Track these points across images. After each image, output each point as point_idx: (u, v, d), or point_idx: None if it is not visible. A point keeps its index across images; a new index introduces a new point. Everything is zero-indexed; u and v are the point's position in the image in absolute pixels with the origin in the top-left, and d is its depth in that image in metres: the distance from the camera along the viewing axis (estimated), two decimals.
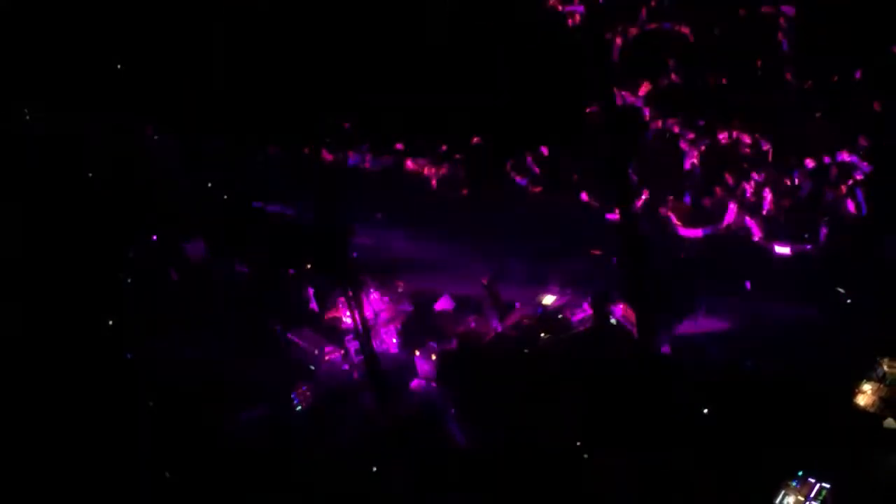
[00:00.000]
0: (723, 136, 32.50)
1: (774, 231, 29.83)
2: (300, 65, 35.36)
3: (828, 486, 21.95)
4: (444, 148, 35.92)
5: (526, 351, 27.64)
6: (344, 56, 35.87)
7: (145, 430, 26.74)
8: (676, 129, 32.80)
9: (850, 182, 29.97)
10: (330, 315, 30.80)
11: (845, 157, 30.47)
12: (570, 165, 32.93)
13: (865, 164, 30.20)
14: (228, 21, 36.91)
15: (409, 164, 36.79)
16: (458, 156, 35.96)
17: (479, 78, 35.00)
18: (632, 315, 27.27)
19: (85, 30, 35.95)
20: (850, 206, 29.35)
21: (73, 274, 31.45)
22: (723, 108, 32.72)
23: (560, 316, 28.34)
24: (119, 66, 36.60)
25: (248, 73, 35.93)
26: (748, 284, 28.40)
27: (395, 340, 29.77)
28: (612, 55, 34.41)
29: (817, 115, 31.37)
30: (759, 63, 32.35)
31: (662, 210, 31.35)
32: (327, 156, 37.45)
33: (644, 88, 33.66)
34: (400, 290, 30.95)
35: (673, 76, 33.68)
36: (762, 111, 32.21)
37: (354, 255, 31.57)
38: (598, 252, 30.28)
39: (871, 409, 23.66)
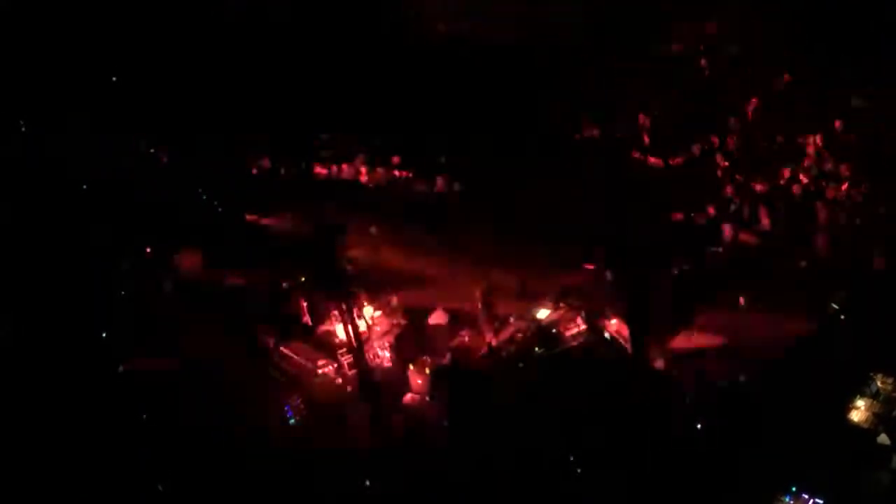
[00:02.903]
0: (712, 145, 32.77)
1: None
2: (295, 76, 35.48)
3: (821, 501, 21.94)
4: (439, 161, 36.08)
5: (520, 365, 27.66)
6: (339, 67, 35.99)
7: (138, 442, 26.67)
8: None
9: (843, 196, 30.14)
10: (323, 328, 30.76)
11: (838, 170, 30.68)
12: (564, 178, 33.00)
13: (858, 177, 30.39)
14: (223, 32, 37.03)
15: (404, 176, 36.88)
16: (452, 168, 36.06)
17: (475, 90, 35.15)
18: (625, 330, 27.32)
19: (77, 40, 36.00)
20: (843, 219, 29.50)
21: (65, 284, 31.40)
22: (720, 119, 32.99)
23: (554, 330, 28.36)
24: (114, 78, 36.66)
25: (243, 85, 36.01)
26: (742, 299, 28.47)
27: (388, 354, 29.74)
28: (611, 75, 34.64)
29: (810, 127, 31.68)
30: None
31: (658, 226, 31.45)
32: (321, 169, 37.53)
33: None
34: (393, 303, 30.93)
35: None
36: (758, 120, 32.46)
37: (348, 268, 31.51)
38: (592, 266, 30.33)
39: (865, 425, 23.66)
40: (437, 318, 30.24)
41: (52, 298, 30.75)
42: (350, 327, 28.66)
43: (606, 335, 28.07)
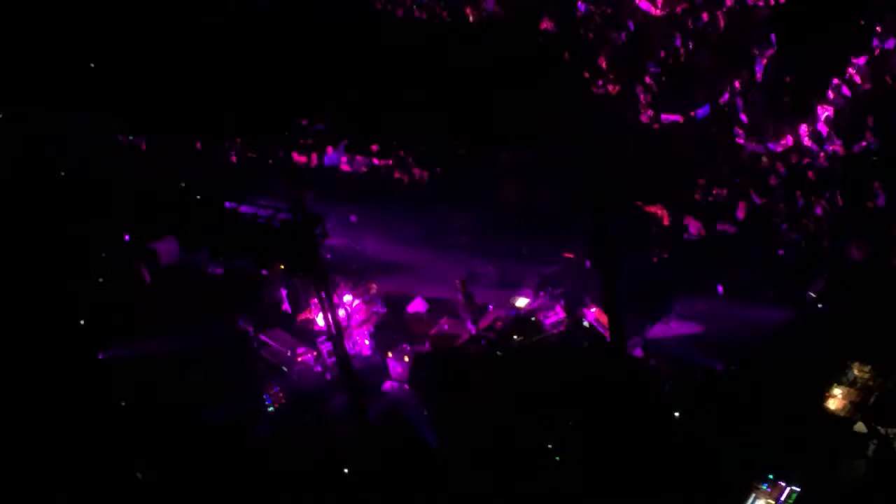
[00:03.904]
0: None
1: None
2: (274, 62, 35.25)
3: (798, 489, 22.04)
4: (419, 150, 35.96)
5: (499, 353, 27.72)
6: (318, 53, 35.79)
7: (117, 429, 26.63)
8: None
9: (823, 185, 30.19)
10: (302, 316, 30.75)
11: (818, 160, 30.70)
12: (543, 167, 32.97)
13: (837, 167, 30.43)
14: (200, 18, 36.76)
15: (383, 164, 36.79)
16: (432, 157, 35.99)
17: (454, 77, 35.00)
18: (604, 318, 27.35)
19: (52, 26, 35.70)
20: (821, 209, 29.55)
21: (43, 273, 31.26)
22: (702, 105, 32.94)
23: (533, 319, 28.42)
24: (91, 65, 36.36)
25: (221, 71, 35.75)
26: (720, 288, 28.55)
27: (367, 342, 29.76)
28: (591, 56, 34.53)
29: (790, 117, 31.64)
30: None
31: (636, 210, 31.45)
32: (300, 157, 37.36)
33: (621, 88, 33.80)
34: (373, 291, 30.92)
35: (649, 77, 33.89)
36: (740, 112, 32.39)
37: (328, 256, 31.48)
38: (571, 255, 30.38)
39: (842, 413, 23.73)
40: (417, 306, 30.29)
41: (30, 286, 30.63)
42: (329, 315, 28.58)
43: (585, 323, 28.14)
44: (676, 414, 24.42)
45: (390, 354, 28.38)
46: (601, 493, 23.18)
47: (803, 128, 30.95)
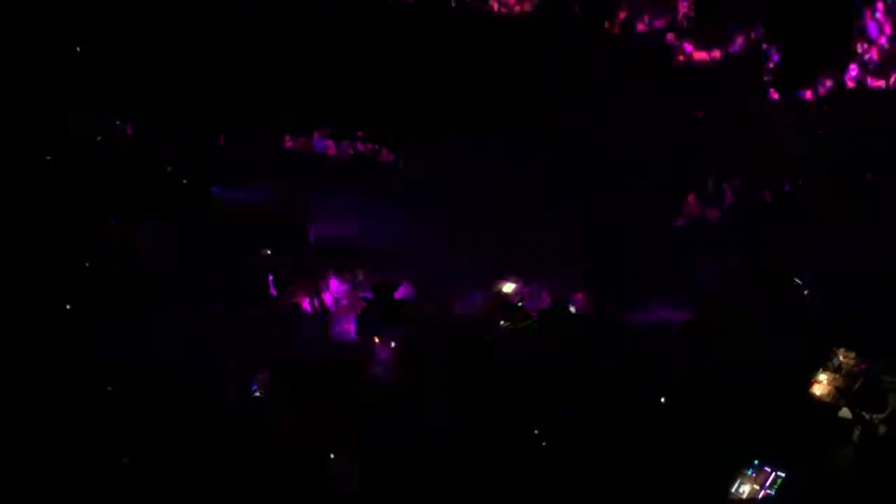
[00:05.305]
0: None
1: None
2: (262, 48, 35.20)
3: (783, 474, 22.14)
4: (406, 136, 35.85)
5: (485, 339, 27.72)
6: (305, 38, 35.72)
7: (103, 414, 26.57)
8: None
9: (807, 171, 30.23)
10: (289, 302, 30.69)
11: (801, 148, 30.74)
12: (534, 152, 32.93)
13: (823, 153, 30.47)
14: (189, 5, 36.66)
15: (371, 149, 36.67)
16: (420, 142, 35.90)
17: (448, 65, 34.96)
18: (591, 305, 27.42)
19: (46, 12, 35.56)
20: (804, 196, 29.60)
21: (29, 257, 31.12)
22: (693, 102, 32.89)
23: (520, 305, 28.43)
24: (78, 49, 36.22)
25: (210, 56, 35.68)
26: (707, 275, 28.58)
27: (353, 327, 29.74)
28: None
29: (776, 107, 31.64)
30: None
31: (625, 201, 31.42)
32: (289, 141, 37.26)
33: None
34: (360, 277, 30.90)
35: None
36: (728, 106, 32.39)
37: (314, 240, 31.46)
38: (558, 241, 30.35)
39: (827, 399, 23.84)
40: (404, 292, 30.25)
41: (15, 270, 30.51)
42: (316, 300, 28.61)
43: (572, 310, 28.15)
44: (662, 399, 24.47)
45: (376, 340, 28.34)
46: (589, 479, 23.22)
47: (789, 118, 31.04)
